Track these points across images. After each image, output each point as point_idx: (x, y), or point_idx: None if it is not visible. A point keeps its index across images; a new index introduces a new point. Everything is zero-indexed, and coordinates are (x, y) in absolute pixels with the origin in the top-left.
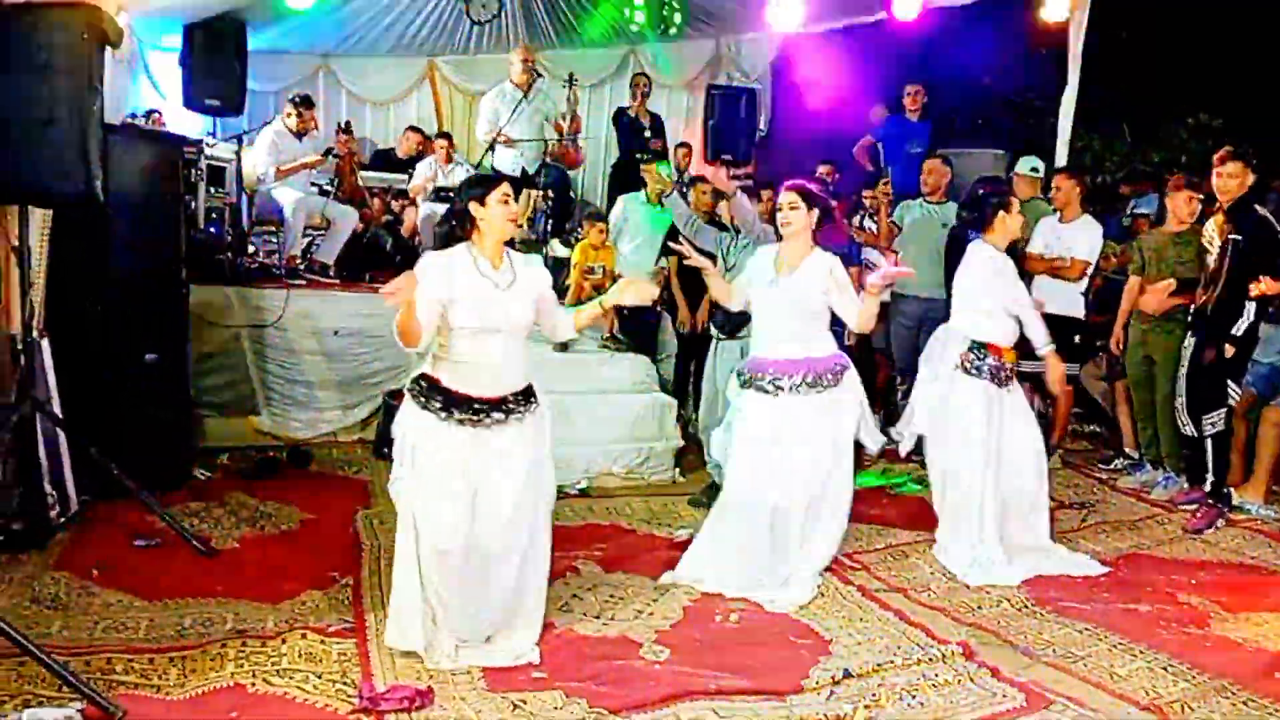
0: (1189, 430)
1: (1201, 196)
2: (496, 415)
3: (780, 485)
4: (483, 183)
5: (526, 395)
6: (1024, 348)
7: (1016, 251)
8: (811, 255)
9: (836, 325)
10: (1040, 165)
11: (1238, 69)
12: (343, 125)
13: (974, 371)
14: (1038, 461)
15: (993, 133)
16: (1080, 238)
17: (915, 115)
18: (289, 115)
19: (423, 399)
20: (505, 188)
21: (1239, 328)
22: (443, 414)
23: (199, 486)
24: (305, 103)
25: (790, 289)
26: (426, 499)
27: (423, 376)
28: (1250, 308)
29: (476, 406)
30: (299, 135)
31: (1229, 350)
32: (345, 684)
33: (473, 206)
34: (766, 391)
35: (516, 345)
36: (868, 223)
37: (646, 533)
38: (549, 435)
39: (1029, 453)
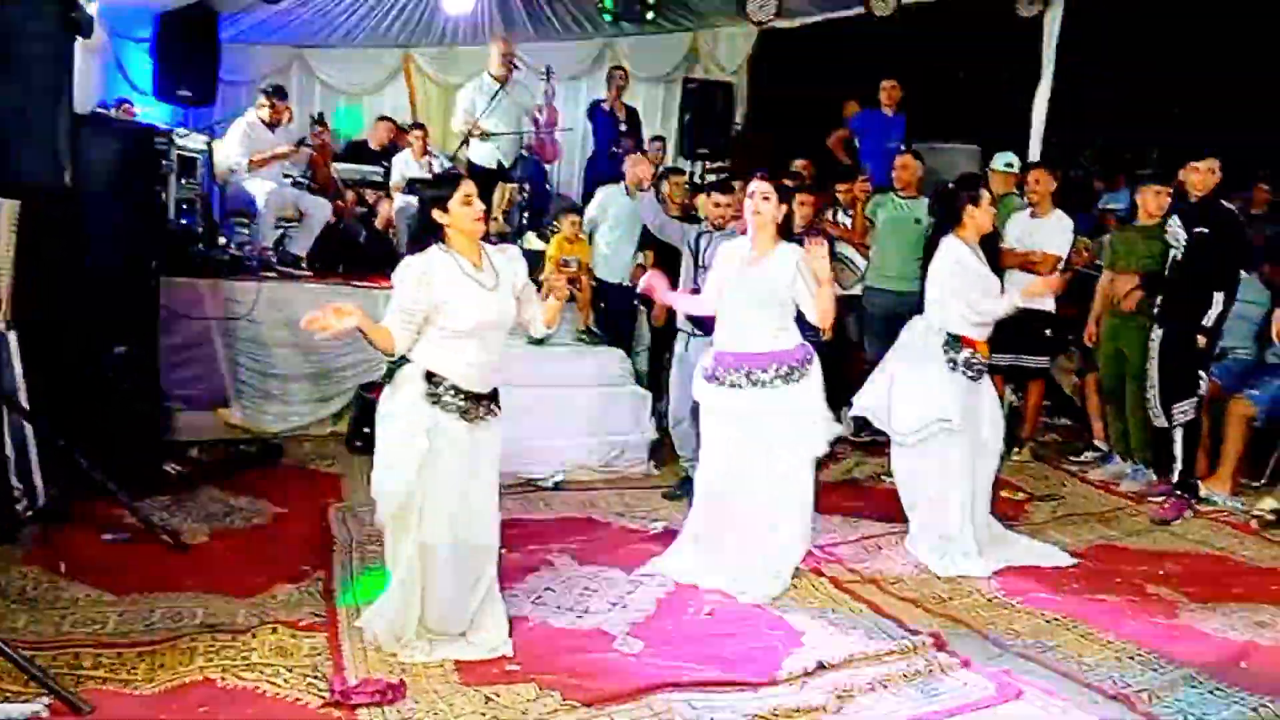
0: (1160, 422)
1: (1170, 191)
2: (487, 409)
3: (750, 479)
4: (440, 185)
5: (491, 398)
6: (996, 341)
7: (994, 245)
8: (779, 246)
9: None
10: (1015, 160)
11: (1211, 64)
12: (316, 117)
13: (950, 365)
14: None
15: (968, 127)
16: (1052, 232)
17: (890, 109)
18: (261, 106)
19: (434, 396)
20: (465, 188)
21: (1209, 318)
22: (456, 410)
23: (169, 480)
24: (278, 93)
25: (759, 280)
26: (427, 494)
27: (430, 374)
28: (1219, 298)
29: (478, 402)
30: (272, 126)
31: (1201, 340)
32: (316, 678)
33: (436, 214)
34: (734, 386)
35: (501, 342)
36: (841, 217)
37: (621, 526)
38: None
39: (994, 446)
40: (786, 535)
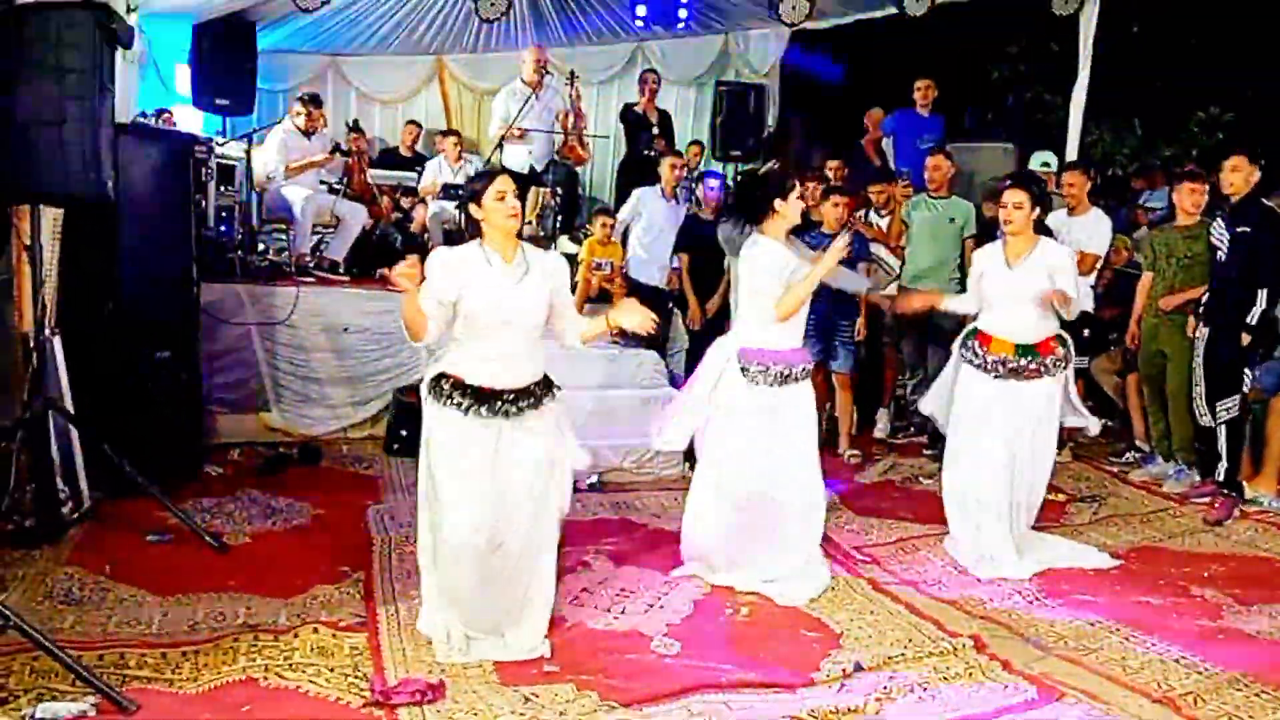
0: (1206, 421)
1: (1206, 188)
2: (515, 406)
3: (786, 476)
4: (476, 181)
5: (544, 385)
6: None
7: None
8: (799, 245)
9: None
10: (1053, 160)
11: (1248, 62)
12: (351, 124)
13: (972, 362)
14: (1043, 457)
15: (1003, 127)
16: (1090, 231)
17: (925, 109)
18: (297, 114)
19: (444, 397)
20: (499, 184)
21: (1252, 316)
22: (465, 409)
23: (211, 483)
24: (314, 101)
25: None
26: (451, 494)
27: (442, 375)
28: (1262, 295)
29: (497, 399)
30: (307, 134)
31: (1245, 339)
32: (357, 678)
33: (471, 208)
34: (770, 384)
35: (532, 337)
36: (874, 218)
37: (656, 527)
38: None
39: (1036, 449)
40: (815, 526)
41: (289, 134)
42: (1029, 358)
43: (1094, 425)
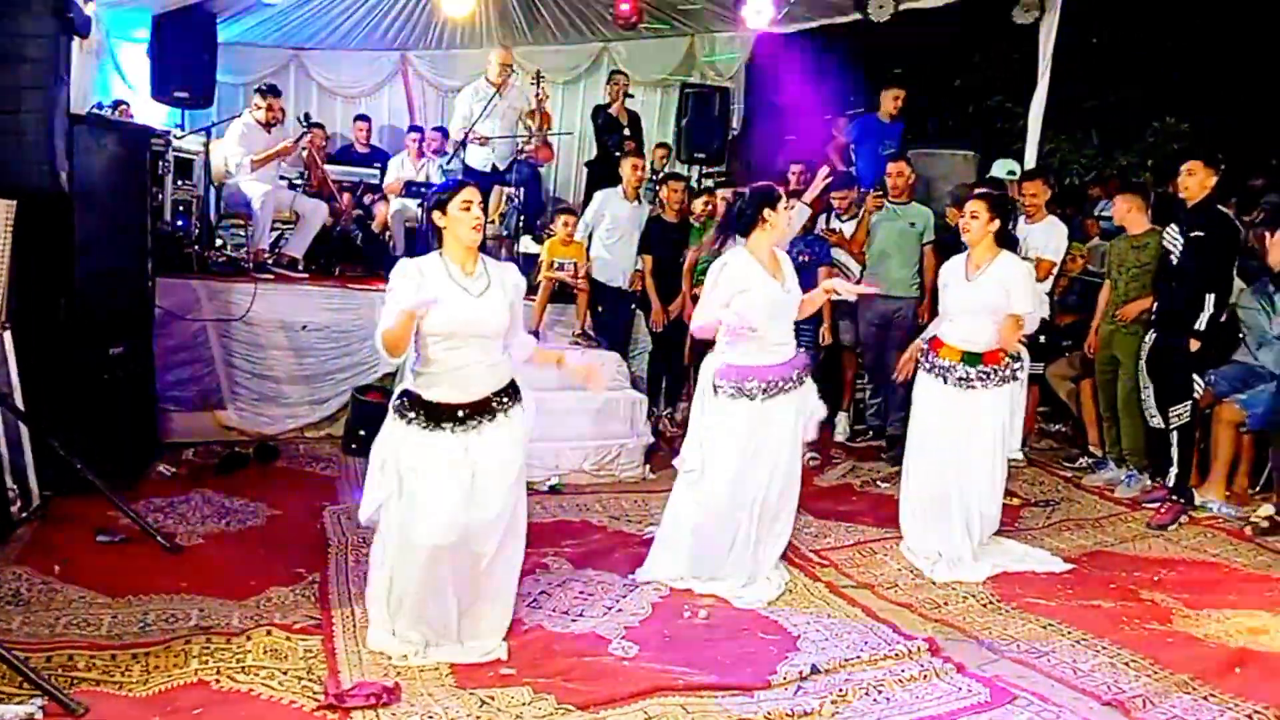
0: (1156, 422)
1: (1141, 200)
2: (478, 419)
3: (762, 486)
4: (443, 191)
5: (509, 393)
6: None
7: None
8: (783, 257)
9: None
10: (1017, 168)
11: (1205, 74)
12: (303, 118)
13: (923, 367)
14: (991, 461)
15: (963, 134)
16: (1046, 239)
17: (888, 117)
18: (257, 108)
19: (407, 415)
20: (465, 195)
21: (1200, 321)
22: (428, 426)
23: (164, 482)
24: (272, 92)
25: (794, 294)
26: (415, 503)
27: (405, 393)
28: (1209, 300)
29: (459, 413)
30: (267, 126)
31: (1193, 344)
32: (311, 680)
33: (435, 216)
34: (752, 397)
35: (494, 348)
36: (836, 223)
37: (616, 529)
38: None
39: (986, 452)
40: (781, 535)
41: (249, 127)
42: (974, 367)
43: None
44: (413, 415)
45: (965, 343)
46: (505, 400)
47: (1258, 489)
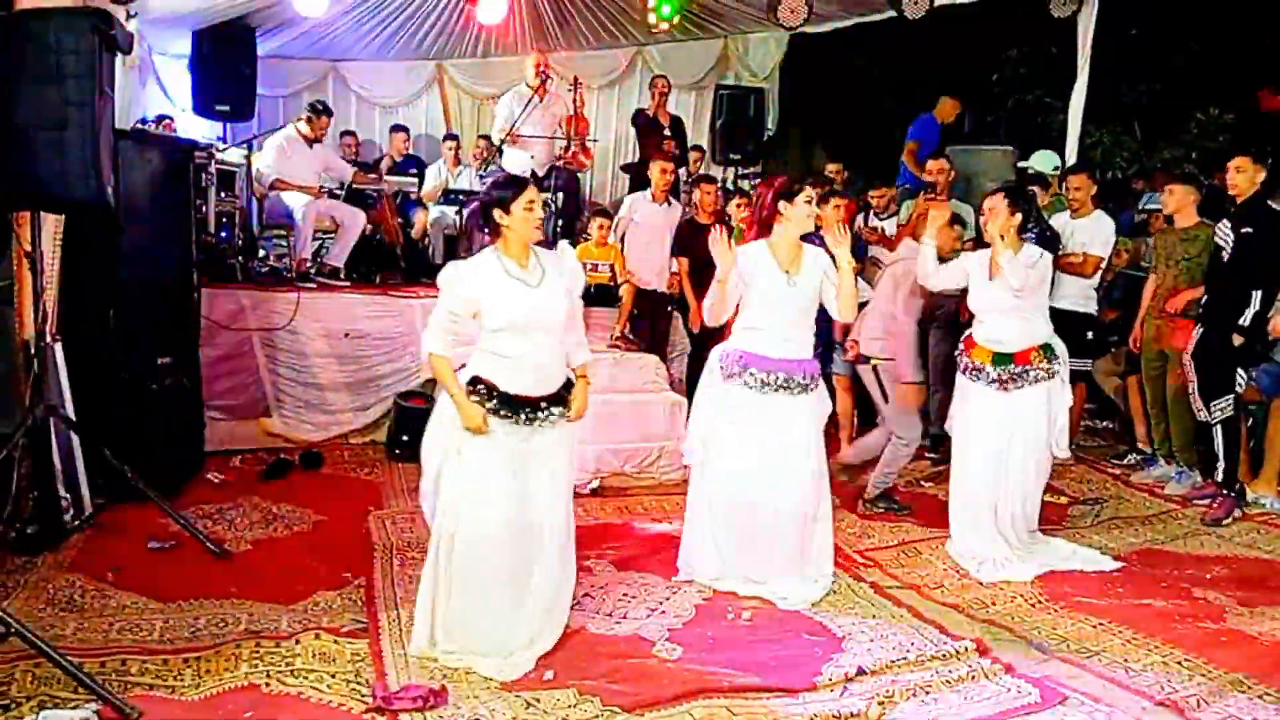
0: (1203, 416)
1: (1189, 189)
2: (544, 413)
3: (775, 485)
4: (508, 187)
5: (568, 388)
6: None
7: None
8: (807, 252)
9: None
10: (1058, 160)
11: (1248, 64)
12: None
13: (962, 368)
14: (1034, 463)
15: (1003, 129)
16: (1093, 233)
17: (944, 120)
18: (304, 120)
19: (480, 400)
20: (530, 194)
21: (1245, 317)
22: (501, 413)
23: (212, 489)
24: (326, 111)
25: (803, 288)
26: (476, 491)
27: (476, 379)
28: (1256, 297)
29: (528, 405)
30: (311, 142)
31: (1237, 339)
32: (359, 684)
33: (496, 214)
34: (750, 386)
35: (557, 339)
36: (875, 221)
37: (659, 532)
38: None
39: (1027, 455)
40: (823, 536)
41: (289, 140)
42: (1004, 367)
43: (1063, 452)
44: (485, 400)
45: (993, 343)
46: (565, 396)
47: None
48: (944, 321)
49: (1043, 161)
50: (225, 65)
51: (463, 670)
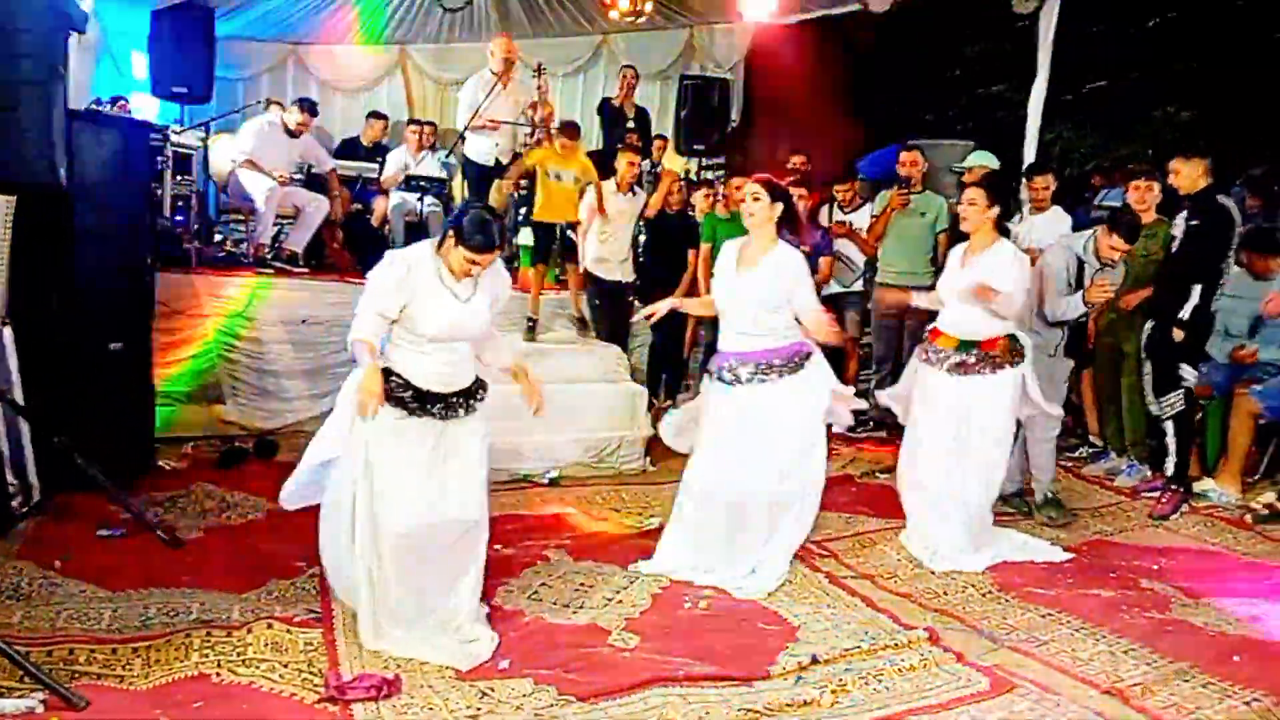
0: (1155, 409)
1: (1154, 185)
2: (456, 409)
3: (742, 475)
4: (463, 231)
5: (480, 385)
6: None
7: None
8: (775, 250)
9: None
10: (991, 160)
11: (1206, 62)
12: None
13: (922, 356)
14: (998, 450)
15: (962, 124)
16: (1049, 228)
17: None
18: (292, 111)
19: (391, 396)
20: (479, 257)
21: (1184, 311)
22: (413, 408)
23: (164, 476)
24: (311, 110)
25: (751, 285)
26: (390, 487)
27: (389, 371)
28: (1196, 290)
29: (442, 401)
30: (292, 134)
31: (1177, 334)
32: (312, 673)
33: (452, 235)
34: (725, 382)
35: (472, 345)
36: (839, 214)
37: (617, 521)
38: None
39: (985, 444)
40: (788, 531)
41: (271, 126)
42: (970, 353)
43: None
44: (399, 396)
45: (958, 329)
46: (477, 393)
47: (1256, 477)
48: (916, 314)
49: (973, 160)
50: (183, 46)
51: (417, 660)
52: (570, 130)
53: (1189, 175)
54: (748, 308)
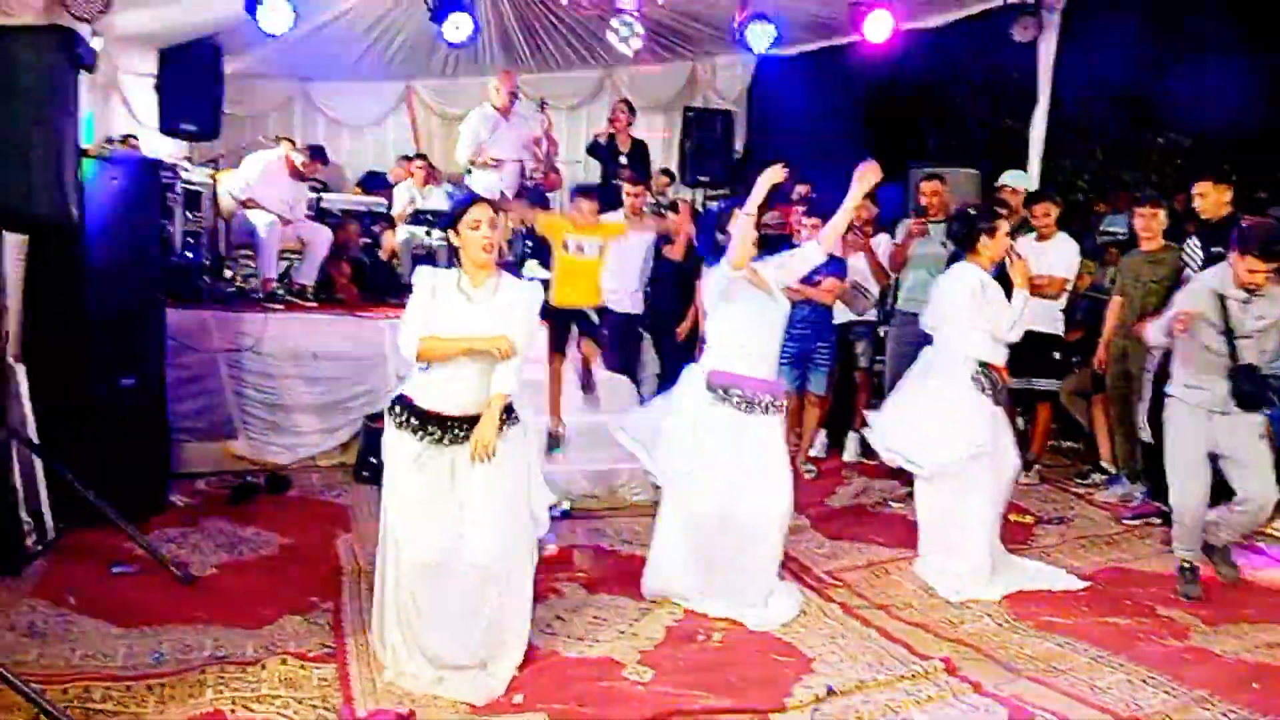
0: (1145, 436)
1: (1161, 212)
2: (465, 432)
3: (745, 501)
4: (455, 209)
5: (504, 412)
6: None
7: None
8: (764, 270)
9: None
10: (1024, 177)
11: (1206, 90)
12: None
13: (979, 390)
14: (1011, 478)
15: (965, 152)
16: (1058, 255)
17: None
18: (300, 153)
19: (398, 419)
20: (474, 211)
21: None
22: (418, 433)
23: (177, 513)
24: (320, 156)
25: (784, 308)
26: (406, 517)
27: (400, 397)
28: None
29: (450, 423)
30: (299, 177)
31: None
32: (326, 709)
33: (450, 235)
34: (736, 406)
35: (486, 364)
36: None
37: (629, 553)
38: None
39: (1009, 470)
40: (774, 553)
41: (277, 164)
42: (997, 380)
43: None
44: (403, 420)
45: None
46: (500, 418)
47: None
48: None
49: (1017, 179)
50: (192, 84)
51: (430, 695)
52: (589, 194)
53: (1215, 200)
54: (776, 334)
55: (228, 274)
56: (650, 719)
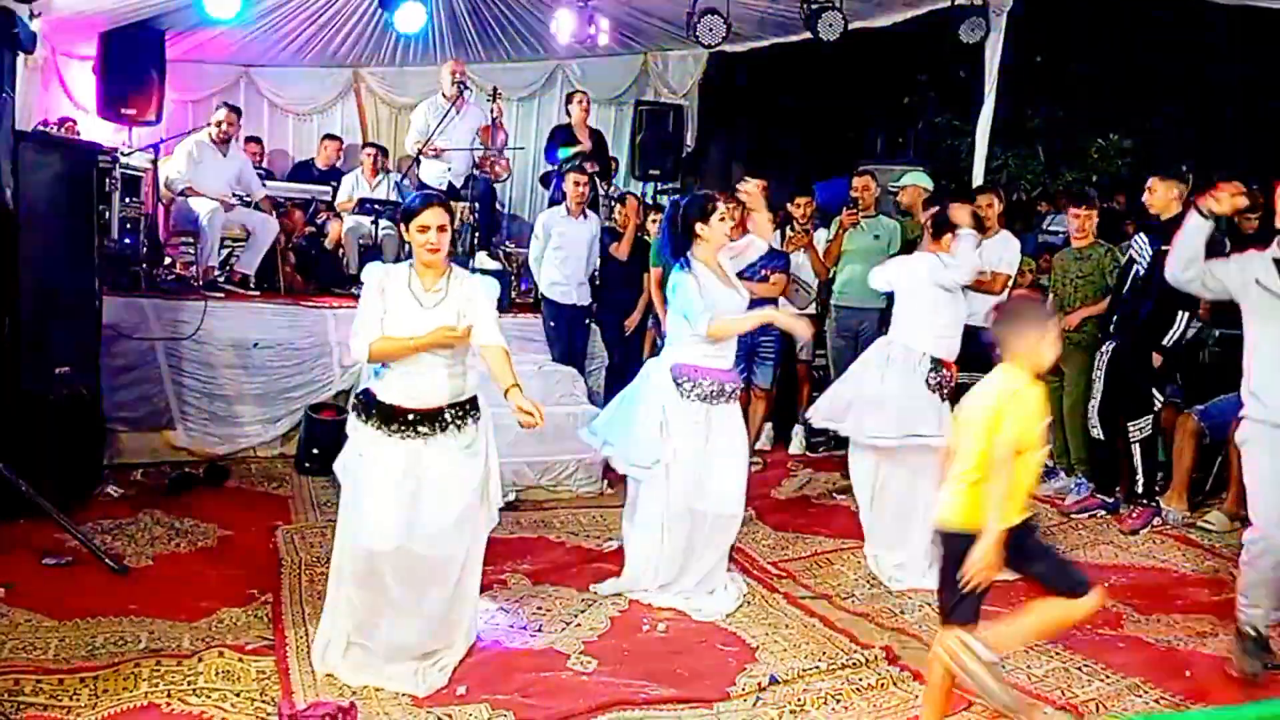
0: (1097, 433)
1: (1092, 213)
2: (428, 428)
3: (710, 490)
4: (409, 206)
5: (465, 407)
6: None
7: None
8: (725, 263)
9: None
10: (925, 179)
11: (1148, 92)
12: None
13: (933, 387)
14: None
15: (912, 149)
16: (1000, 252)
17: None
18: (214, 124)
19: (361, 412)
20: (422, 218)
21: (1169, 339)
22: (379, 427)
23: (112, 503)
24: (235, 111)
25: (745, 298)
26: (360, 505)
27: (363, 391)
28: (1182, 318)
29: (410, 419)
30: (221, 142)
31: (1157, 360)
32: (265, 702)
33: (402, 229)
34: (703, 398)
35: (448, 360)
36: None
37: (574, 545)
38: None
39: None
40: (724, 545)
41: (199, 145)
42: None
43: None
44: (366, 414)
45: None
46: (460, 413)
47: (1202, 496)
48: (870, 335)
49: (915, 178)
50: (133, 68)
51: (372, 687)
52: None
53: (1164, 197)
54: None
55: (167, 261)
56: (594, 709)
